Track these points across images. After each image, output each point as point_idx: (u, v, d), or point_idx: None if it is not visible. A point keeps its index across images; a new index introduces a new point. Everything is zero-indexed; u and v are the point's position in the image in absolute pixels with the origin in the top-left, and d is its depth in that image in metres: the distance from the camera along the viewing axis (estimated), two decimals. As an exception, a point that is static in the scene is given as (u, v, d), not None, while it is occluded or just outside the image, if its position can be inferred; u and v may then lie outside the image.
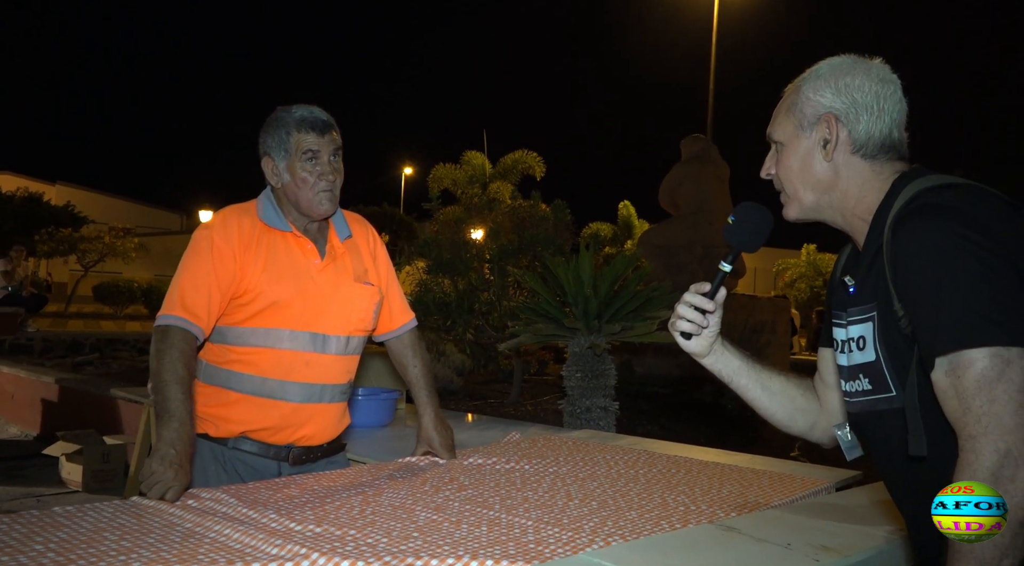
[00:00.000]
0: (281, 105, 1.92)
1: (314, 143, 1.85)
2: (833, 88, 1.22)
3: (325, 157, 1.87)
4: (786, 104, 1.28)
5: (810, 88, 1.24)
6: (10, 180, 27.46)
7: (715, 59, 18.14)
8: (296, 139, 1.85)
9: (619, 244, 23.55)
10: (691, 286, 1.38)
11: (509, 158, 18.08)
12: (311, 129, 1.85)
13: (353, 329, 1.97)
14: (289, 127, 1.85)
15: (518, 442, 2.38)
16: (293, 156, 1.86)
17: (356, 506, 1.57)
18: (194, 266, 1.81)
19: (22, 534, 1.30)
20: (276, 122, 1.88)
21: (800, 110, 1.25)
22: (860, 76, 1.21)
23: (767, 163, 1.32)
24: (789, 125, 1.27)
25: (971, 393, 0.97)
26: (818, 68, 1.26)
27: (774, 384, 1.44)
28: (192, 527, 1.39)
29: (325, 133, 1.87)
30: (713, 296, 1.35)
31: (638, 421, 6.08)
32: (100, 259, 20.60)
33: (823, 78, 1.23)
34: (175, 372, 1.68)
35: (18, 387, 6.65)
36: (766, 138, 1.32)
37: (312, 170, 1.85)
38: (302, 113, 1.87)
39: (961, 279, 1.00)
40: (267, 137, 1.89)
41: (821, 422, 1.43)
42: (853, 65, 1.23)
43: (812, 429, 1.44)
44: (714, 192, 9.91)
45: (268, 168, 1.90)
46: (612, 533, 1.41)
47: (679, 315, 1.37)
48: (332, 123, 1.90)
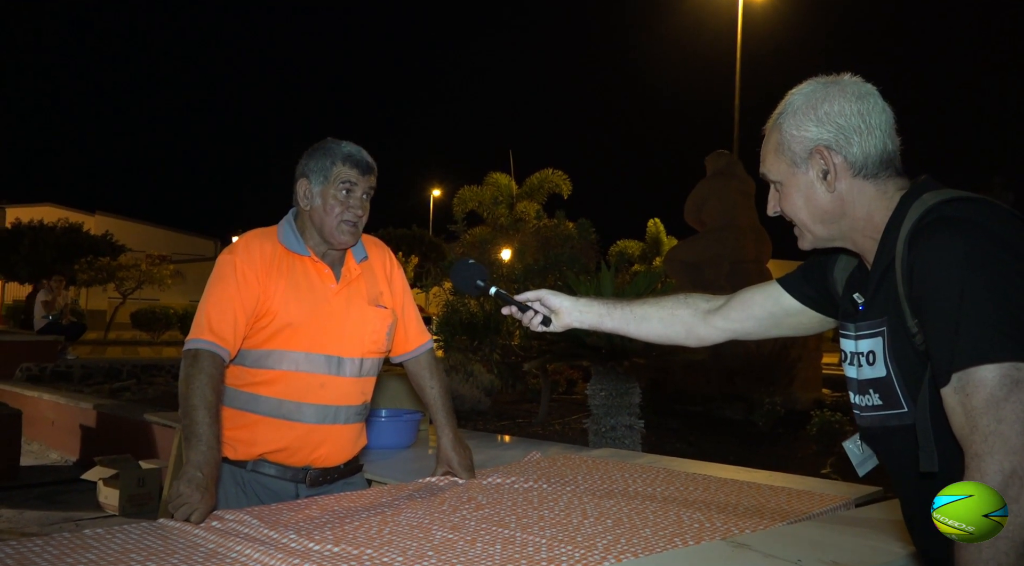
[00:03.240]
0: (317, 135, 2.04)
1: (354, 177, 1.95)
2: (814, 119, 1.20)
3: (359, 193, 1.97)
4: (771, 144, 1.27)
5: (791, 125, 1.23)
6: (51, 212, 28.29)
7: (740, 74, 18.11)
8: (338, 169, 1.94)
9: (648, 261, 23.47)
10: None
11: (535, 177, 18.11)
12: (355, 166, 1.95)
13: (367, 351, 2.02)
14: (335, 157, 1.95)
15: (538, 461, 2.40)
16: (330, 184, 1.94)
17: (374, 526, 1.60)
18: (219, 290, 1.88)
19: (53, 556, 1.36)
20: (324, 150, 1.97)
21: (788, 148, 1.23)
22: (837, 100, 1.19)
23: (771, 202, 1.31)
24: (782, 164, 1.25)
25: (979, 411, 0.97)
26: (791, 102, 1.24)
27: (640, 311, 1.63)
28: (215, 548, 1.44)
29: (366, 173, 1.98)
30: (514, 305, 1.69)
31: (666, 439, 6.03)
32: (137, 286, 21.05)
33: (800, 112, 1.22)
34: (203, 397, 1.74)
35: (58, 413, 6.82)
36: (761, 178, 1.31)
37: (343, 201, 1.94)
38: (350, 150, 1.97)
39: (981, 294, 0.99)
40: (310, 161, 1.98)
41: (697, 329, 1.59)
42: (825, 90, 1.21)
43: (688, 337, 1.60)
44: (740, 207, 9.85)
45: (302, 189, 1.98)
46: (625, 550, 1.43)
47: (527, 325, 1.71)
48: (374, 168, 2.01)
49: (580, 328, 1.70)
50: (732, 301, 1.55)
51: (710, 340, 1.60)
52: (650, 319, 1.62)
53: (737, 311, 1.54)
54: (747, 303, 1.53)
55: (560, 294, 1.69)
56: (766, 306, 1.50)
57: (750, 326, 1.53)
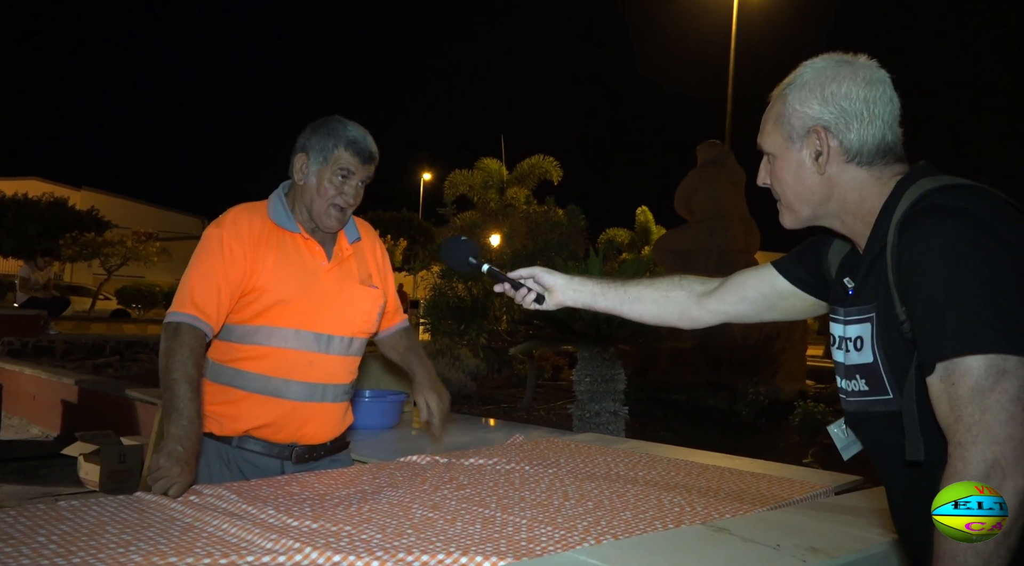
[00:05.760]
0: (308, 115, 2.00)
1: (353, 165, 1.91)
2: (820, 98, 1.18)
3: (355, 181, 1.93)
4: (773, 114, 1.25)
5: (796, 98, 1.21)
6: (37, 185, 27.95)
7: (734, 65, 18.09)
8: (339, 154, 1.90)
9: (637, 250, 23.51)
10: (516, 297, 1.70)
11: (526, 163, 18.09)
12: (357, 153, 1.91)
13: (357, 330, 2.00)
14: (339, 140, 1.90)
15: (521, 444, 2.40)
16: (328, 166, 1.90)
17: (354, 503, 1.59)
18: (204, 264, 1.85)
19: (26, 527, 1.34)
20: (329, 129, 1.92)
21: (788, 122, 1.22)
22: (846, 82, 1.17)
23: (761, 172, 1.30)
24: (778, 137, 1.24)
25: (964, 401, 0.96)
26: (802, 74, 1.22)
27: (634, 292, 1.62)
28: (191, 522, 1.42)
29: (367, 163, 1.94)
30: (507, 282, 1.68)
31: (650, 427, 6.06)
32: (123, 263, 20.86)
33: (807, 87, 1.20)
34: (184, 370, 1.72)
35: (39, 388, 6.76)
36: (757, 147, 1.30)
37: (338, 187, 1.91)
38: (355, 134, 1.92)
39: (969, 284, 0.99)
40: (312, 137, 1.93)
41: (691, 311, 1.58)
42: (837, 69, 1.19)
43: (681, 319, 1.61)
44: (730, 198, 9.86)
45: (299, 163, 1.94)
46: (605, 532, 1.43)
47: (519, 303, 1.70)
48: (376, 158, 1.96)
49: (573, 307, 1.69)
50: (726, 284, 1.55)
51: (703, 322, 1.59)
52: (644, 300, 1.61)
53: (731, 294, 1.53)
54: (741, 286, 1.53)
55: (554, 272, 1.68)
56: (760, 289, 1.49)
57: (744, 309, 1.53)
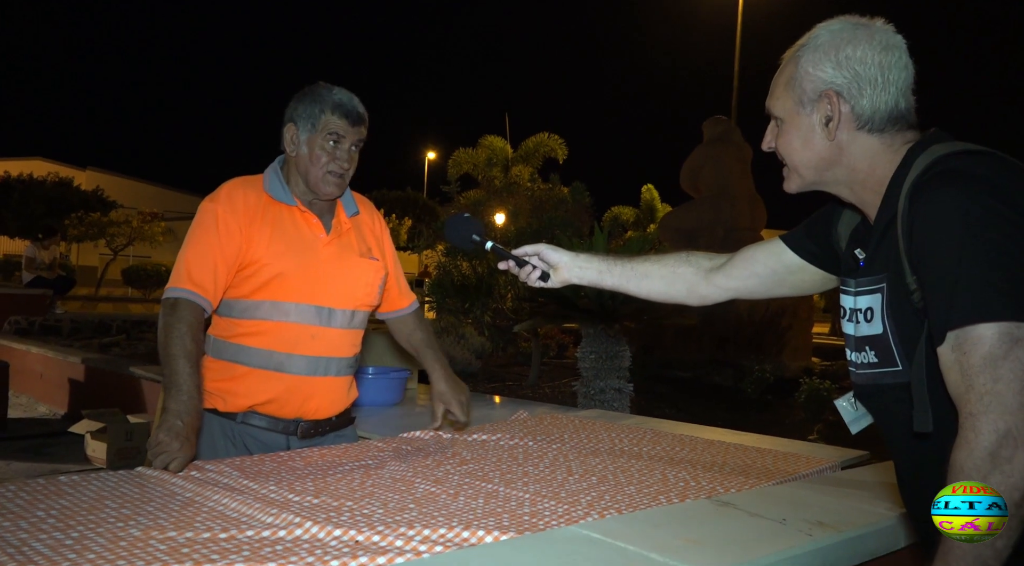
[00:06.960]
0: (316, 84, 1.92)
1: (342, 129, 1.87)
2: (834, 61, 1.15)
3: (347, 145, 1.89)
4: (784, 76, 1.22)
5: (809, 61, 1.17)
6: (42, 165, 27.93)
7: (740, 41, 17.88)
8: (327, 119, 1.86)
9: (642, 227, 23.45)
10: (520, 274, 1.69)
11: (531, 141, 17.97)
12: (345, 116, 1.87)
13: (359, 303, 1.99)
14: (324, 105, 1.86)
15: (525, 420, 2.39)
16: (318, 133, 1.87)
17: (357, 479, 1.58)
18: (200, 239, 1.83)
19: (26, 501, 1.33)
20: (313, 96, 1.88)
21: (799, 85, 1.19)
22: (862, 46, 1.14)
23: (768, 136, 1.27)
24: (789, 101, 1.21)
25: (976, 370, 0.94)
26: (816, 36, 1.18)
27: (641, 268, 1.60)
28: (192, 496, 1.41)
29: (356, 125, 1.89)
30: (511, 259, 1.66)
31: (655, 404, 6.05)
32: (129, 243, 20.90)
33: (822, 49, 1.16)
34: (183, 345, 1.71)
35: (47, 367, 6.79)
36: (765, 111, 1.27)
37: (331, 152, 1.87)
38: (341, 97, 1.88)
39: (981, 251, 0.96)
40: (299, 106, 1.89)
41: (699, 288, 1.56)
42: (854, 32, 1.15)
43: (689, 295, 1.58)
44: (736, 174, 9.78)
45: (289, 134, 1.91)
46: (609, 506, 1.42)
47: (524, 280, 1.68)
48: (365, 118, 1.92)
49: (579, 284, 1.66)
50: (735, 259, 1.52)
51: (712, 299, 1.56)
52: (651, 277, 1.58)
53: (740, 269, 1.51)
54: (750, 261, 1.50)
55: (559, 249, 1.65)
56: (769, 263, 1.46)
57: (753, 284, 1.50)
